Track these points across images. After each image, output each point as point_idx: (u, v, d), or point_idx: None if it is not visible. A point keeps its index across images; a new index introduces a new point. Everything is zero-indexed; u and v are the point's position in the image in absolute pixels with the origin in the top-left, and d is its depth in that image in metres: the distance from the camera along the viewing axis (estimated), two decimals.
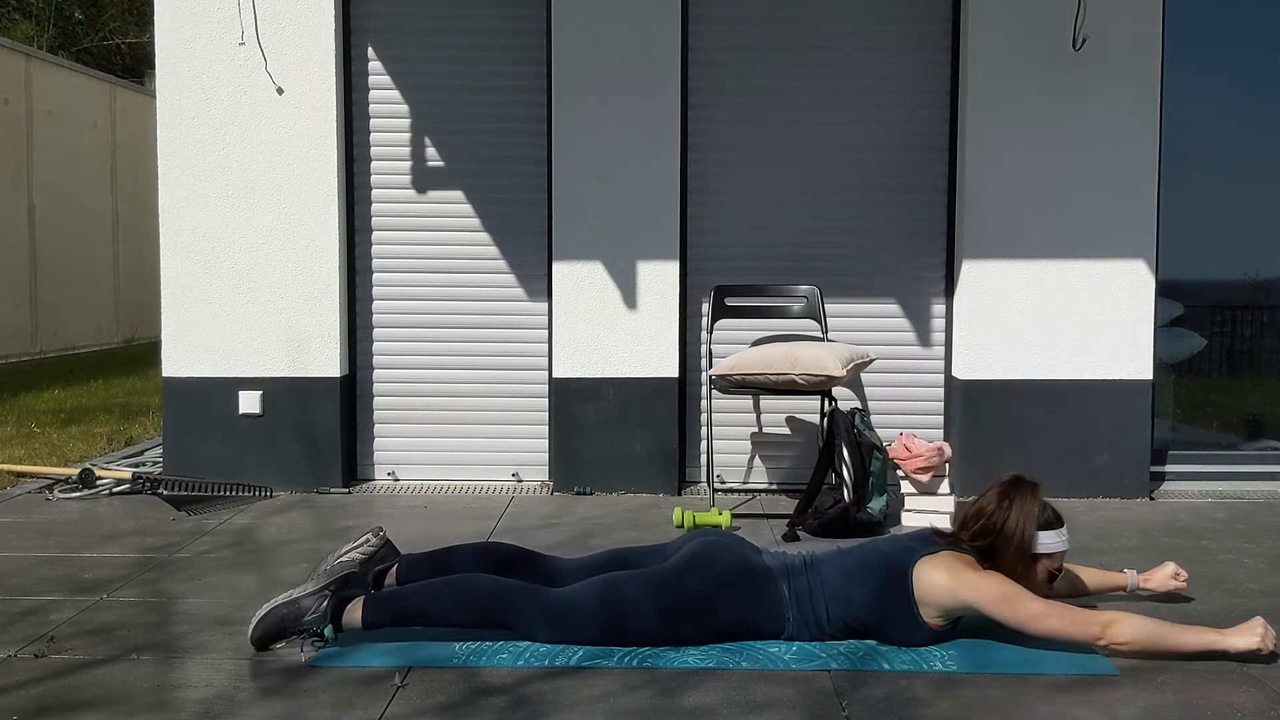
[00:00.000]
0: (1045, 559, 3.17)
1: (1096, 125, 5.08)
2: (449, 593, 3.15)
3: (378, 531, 3.40)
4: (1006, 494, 3.18)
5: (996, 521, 3.14)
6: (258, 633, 3.09)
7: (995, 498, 3.19)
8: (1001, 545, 3.13)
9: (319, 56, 5.13)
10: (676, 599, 3.11)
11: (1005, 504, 3.16)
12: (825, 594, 3.16)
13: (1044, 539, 3.16)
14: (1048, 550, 3.16)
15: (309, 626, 3.10)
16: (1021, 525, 3.13)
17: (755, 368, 4.64)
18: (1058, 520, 3.21)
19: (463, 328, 5.39)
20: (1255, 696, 2.82)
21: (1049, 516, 3.20)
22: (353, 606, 3.13)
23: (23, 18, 19.17)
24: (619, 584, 3.15)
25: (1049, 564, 3.19)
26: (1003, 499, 3.17)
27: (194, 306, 5.18)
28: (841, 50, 5.30)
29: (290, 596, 3.14)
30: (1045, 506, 3.20)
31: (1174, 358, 5.52)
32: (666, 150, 5.15)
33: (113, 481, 5.13)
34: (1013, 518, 3.13)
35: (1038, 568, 3.17)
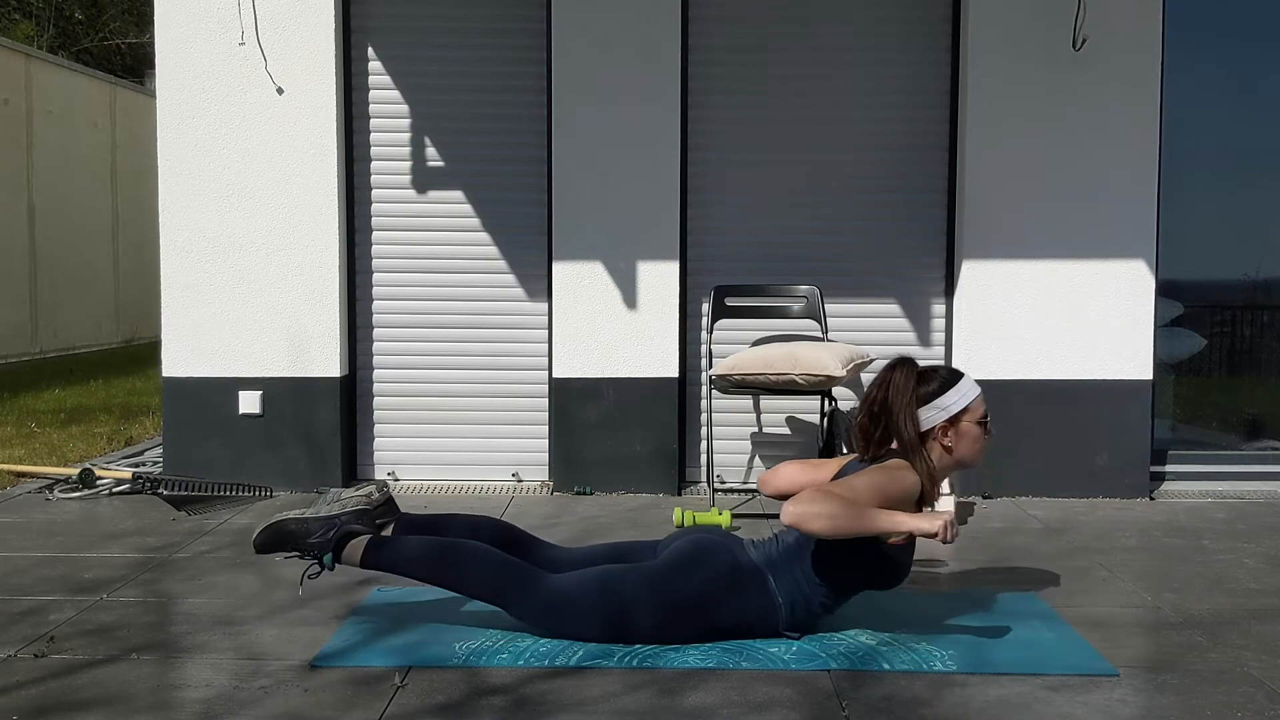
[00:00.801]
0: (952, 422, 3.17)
1: (1096, 125, 5.08)
2: (453, 558, 3.17)
3: (381, 487, 3.42)
4: (883, 378, 3.20)
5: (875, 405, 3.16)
6: (261, 538, 3.14)
7: (874, 384, 3.21)
8: (893, 426, 3.14)
9: (319, 56, 5.13)
10: (673, 598, 3.11)
11: (882, 387, 3.18)
12: (806, 573, 3.14)
13: (937, 407, 3.16)
14: (949, 415, 3.17)
15: (311, 549, 3.14)
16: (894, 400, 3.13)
17: (755, 368, 4.64)
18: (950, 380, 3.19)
19: (463, 328, 5.39)
20: (1255, 696, 2.82)
21: (935, 385, 3.19)
22: (356, 544, 3.16)
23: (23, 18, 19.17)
24: (616, 579, 3.15)
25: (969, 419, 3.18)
26: (880, 384, 3.19)
27: (194, 306, 5.18)
28: (841, 50, 5.31)
29: (301, 514, 3.17)
30: (927, 377, 3.20)
31: (1174, 358, 5.52)
32: (666, 150, 5.15)
33: (113, 481, 5.13)
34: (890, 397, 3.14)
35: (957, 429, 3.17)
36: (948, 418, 3.18)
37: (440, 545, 3.21)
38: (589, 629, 3.11)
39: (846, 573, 3.13)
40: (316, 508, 3.23)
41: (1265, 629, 3.33)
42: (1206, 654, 3.12)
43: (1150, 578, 3.88)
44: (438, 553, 3.19)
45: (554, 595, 3.13)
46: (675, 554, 3.19)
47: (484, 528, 3.40)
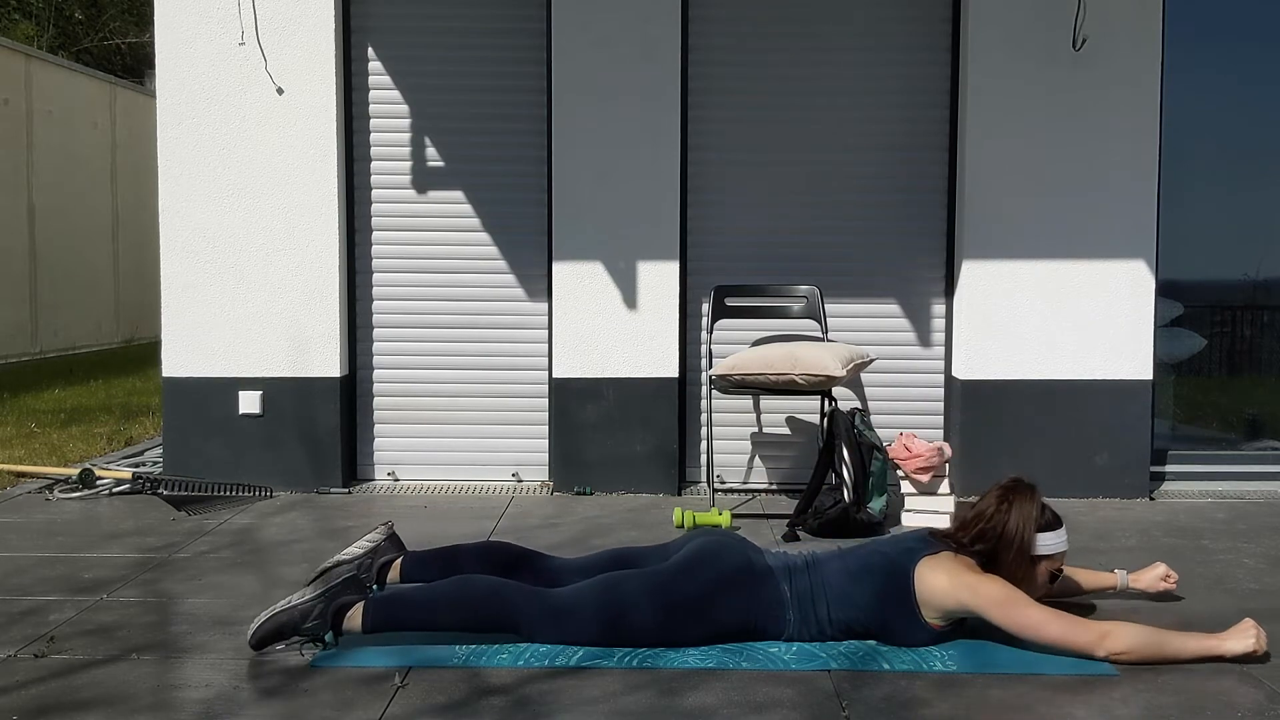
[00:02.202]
0: (1045, 561, 3.18)
1: (1096, 125, 5.08)
2: (447, 601, 3.13)
3: (387, 524, 3.44)
4: (1005, 497, 3.19)
5: (996, 525, 3.15)
6: (257, 637, 3.09)
7: (994, 500, 3.19)
8: (1001, 548, 3.13)
9: (319, 56, 5.13)
10: (677, 599, 3.11)
11: (1004, 506, 3.16)
12: (827, 594, 3.15)
13: (1043, 541, 3.16)
14: (1047, 552, 3.17)
15: (310, 633, 3.10)
16: (1021, 528, 3.13)
17: (755, 368, 4.64)
18: (1057, 521, 3.22)
19: (463, 328, 5.39)
20: (1255, 696, 2.82)
21: (1048, 518, 3.21)
22: (353, 613, 3.13)
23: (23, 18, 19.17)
24: (618, 583, 3.15)
25: (1049, 565, 3.19)
26: (1001, 502, 3.18)
27: (194, 306, 5.18)
28: (841, 50, 5.30)
29: (289, 604, 3.12)
30: (1044, 508, 3.21)
31: (1174, 358, 5.52)
32: (666, 150, 5.15)
33: (113, 481, 5.13)
34: (1012, 521, 3.14)
35: (1038, 570, 3.18)
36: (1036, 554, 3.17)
37: (436, 592, 3.16)
38: (594, 636, 3.11)
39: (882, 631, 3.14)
40: (304, 590, 3.17)
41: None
42: None
43: None
44: (435, 600, 3.14)
45: (559, 606, 3.12)
46: (684, 556, 3.20)
47: (488, 553, 3.40)
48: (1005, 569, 3.12)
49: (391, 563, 3.41)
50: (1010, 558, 3.13)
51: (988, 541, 3.14)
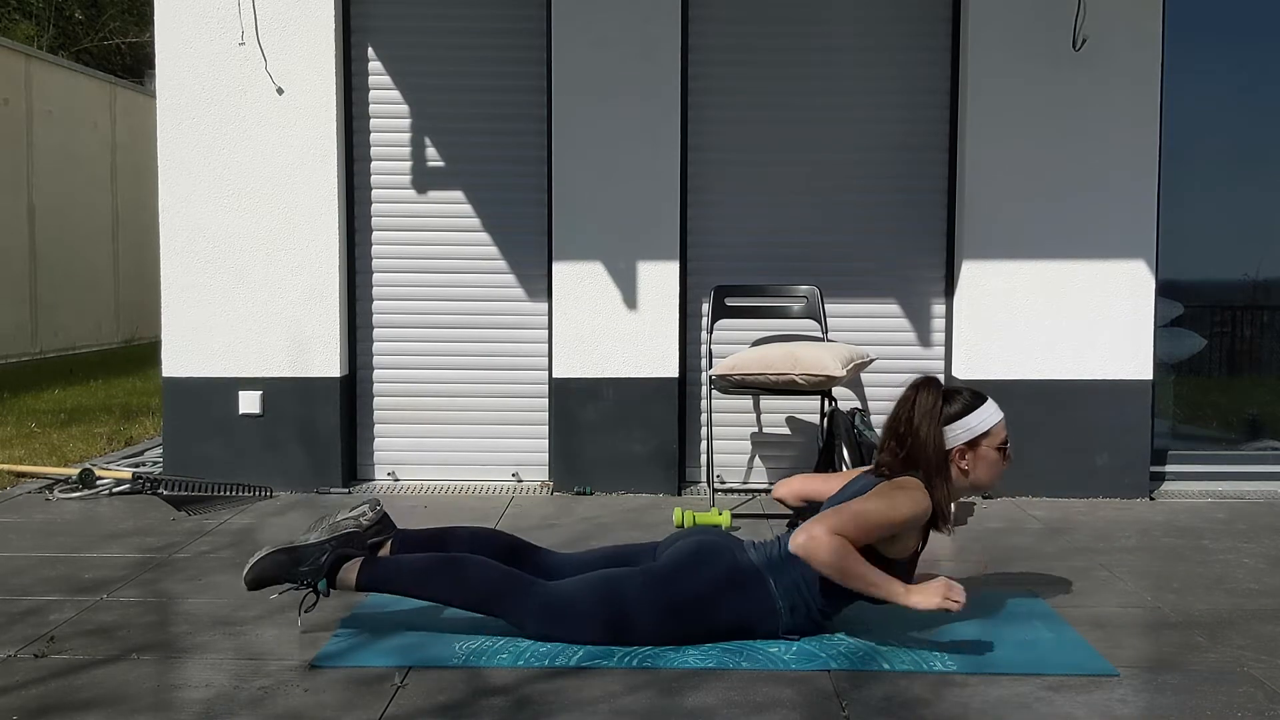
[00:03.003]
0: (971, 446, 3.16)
1: (1096, 125, 5.08)
2: (447, 571, 3.16)
3: (374, 505, 3.41)
4: (907, 398, 3.19)
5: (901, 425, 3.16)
6: (253, 574, 3.11)
7: (899, 404, 3.20)
8: (917, 447, 3.13)
9: (319, 56, 5.13)
10: (673, 599, 3.11)
11: (907, 406, 3.17)
12: (807, 579, 3.14)
13: (953, 431, 3.15)
14: (966, 439, 3.16)
15: (304, 577, 3.11)
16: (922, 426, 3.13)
17: (755, 368, 4.64)
18: (974, 403, 3.18)
19: (463, 328, 5.39)
20: (1255, 696, 2.82)
21: (960, 405, 3.18)
22: (349, 566, 3.15)
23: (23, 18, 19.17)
24: (617, 582, 3.15)
25: (988, 443, 3.17)
26: (904, 403, 3.18)
27: (194, 306, 5.18)
28: (841, 50, 5.30)
29: (290, 543, 3.15)
30: (952, 396, 3.18)
31: (1174, 358, 5.52)
32: (666, 150, 5.15)
33: (113, 481, 5.13)
34: (916, 421, 3.13)
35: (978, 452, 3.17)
36: (968, 440, 3.17)
37: (434, 561, 3.20)
38: (589, 633, 3.11)
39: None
40: (305, 535, 3.21)
41: (1265, 629, 3.33)
42: (1206, 654, 3.12)
43: (1150, 578, 3.88)
44: (432, 569, 3.17)
45: (553, 601, 3.13)
46: (675, 555, 3.19)
47: (482, 539, 3.39)
48: (927, 467, 3.12)
49: (382, 544, 3.41)
50: (927, 455, 3.12)
51: (905, 445, 3.15)
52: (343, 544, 3.18)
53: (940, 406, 3.16)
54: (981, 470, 3.19)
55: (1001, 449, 3.22)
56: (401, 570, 3.18)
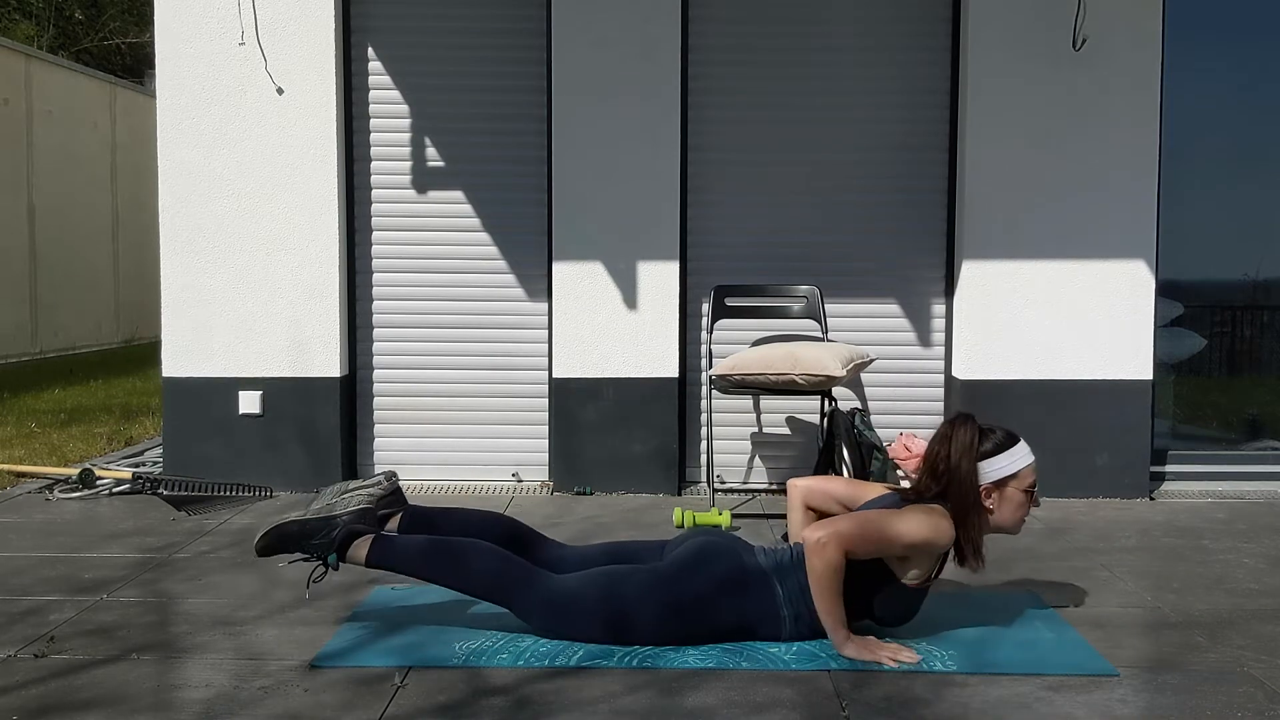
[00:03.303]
0: (1001, 485, 3.15)
1: (1096, 125, 5.08)
2: (454, 559, 3.17)
3: (390, 476, 3.43)
4: (945, 433, 3.18)
5: (940, 463, 3.14)
6: (263, 542, 3.13)
7: (937, 441, 3.19)
8: (953, 484, 3.13)
9: (319, 56, 5.13)
10: (677, 599, 3.11)
11: (945, 444, 3.16)
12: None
13: (989, 467, 3.14)
14: (998, 476, 3.15)
15: (315, 550, 3.13)
16: (959, 459, 3.12)
17: (755, 368, 4.64)
18: (1007, 442, 3.17)
19: (463, 328, 5.39)
20: (1255, 696, 2.82)
21: (994, 443, 3.17)
22: (360, 543, 3.17)
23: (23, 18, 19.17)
24: (620, 580, 3.15)
25: (1016, 485, 3.16)
26: (943, 440, 3.17)
27: (194, 306, 5.18)
28: (841, 50, 5.30)
29: (302, 516, 3.17)
30: (987, 434, 3.18)
31: (1174, 358, 5.52)
32: (666, 150, 5.15)
33: (113, 481, 5.13)
34: (953, 455, 3.13)
35: (1005, 493, 3.15)
36: (995, 480, 3.16)
37: (444, 545, 3.21)
38: (591, 629, 3.12)
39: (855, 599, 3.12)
40: (318, 505, 3.23)
41: (1265, 629, 3.33)
42: (1206, 654, 3.12)
43: (1150, 578, 3.88)
44: (441, 552, 3.19)
45: (557, 595, 3.13)
46: (681, 555, 3.19)
47: (490, 524, 3.40)
48: (961, 502, 3.12)
49: (391, 516, 3.41)
50: (962, 491, 3.12)
51: (941, 481, 3.14)
52: (355, 520, 3.19)
53: (977, 443, 3.15)
54: (1006, 511, 3.17)
55: (1029, 491, 3.20)
56: (410, 552, 3.20)
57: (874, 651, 3.02)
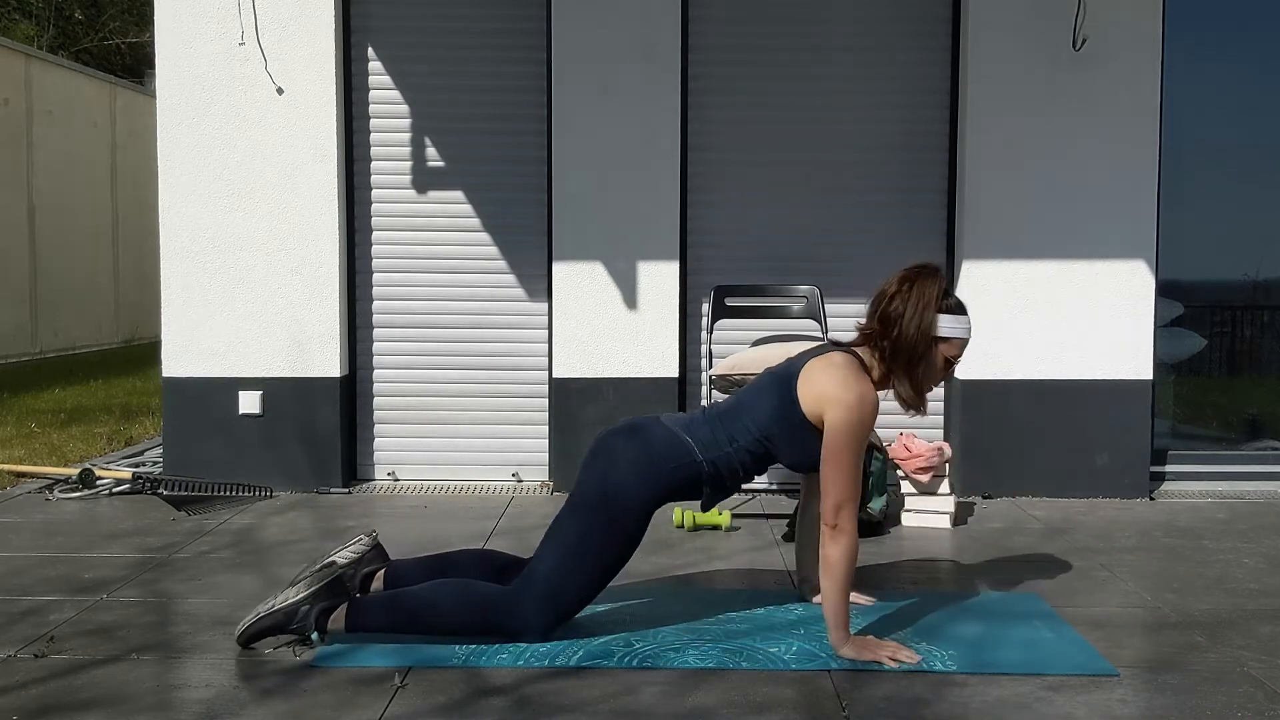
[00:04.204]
0: (944, 344, 3.16)
1: (1096, 125, 5.08)
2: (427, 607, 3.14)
3: (371, 534, 3.42)
4: (907, 278, 3.18)
5: (899, 306, 3.15)
6: (246, 635, 3.11)
7: (896, 282, 3.20)
8: (904, 330, 3.13)
9: (319, 56, 5.13)
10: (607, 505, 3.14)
11: (906, 287, 3.16)
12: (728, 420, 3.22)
13: (944, 322, 3.15)
14: (948, 334, 3.16)
15: (297, 633, 3.13)
16: (921, 308, 3.13)
17: (755, 368, 4.63)
18: (961, 308, 3.20)
19: (463, 328, 5.39)
20: (1255, 696, 2.82)
21: (952, 303, 3.19)
22: (337, 615, 3.14)
23: (23, 18, 19.17)
24: (560, 525, 3.19)
25: (947, 350, 3.18)
26: (903, 283, 3.18)
27: (194, 306, 5.18)
28: (841, 50, 5.30)
29: (273, 607, 3.12)
30: (948, 293, 3.20)
31: (1174, 358, 5.52)
32: (666, 150, 5.15)
33: (113, 481, 5.13)
34: (913, 300, 3.13)
35: (936, 353, 3.17)
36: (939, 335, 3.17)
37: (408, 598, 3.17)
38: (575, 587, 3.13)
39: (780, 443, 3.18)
40: (286, 594, 3.16)
41: (1265, 629, 3.33)
42: (1206, 654, 3.12)
43: (1150, 578, 3.88)
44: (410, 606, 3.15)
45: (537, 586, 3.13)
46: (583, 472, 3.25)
47: (480, 560, 3.39)
48: (905, 350, 3.13)
49: (375, 573, 3.39)
50: (911, 337, 3.12)
51: (890, 324, 3.14)
52: (325, 595, 3.15)
53: (941, 296, 3.17)
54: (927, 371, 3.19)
55: (950, 360, 3.21)
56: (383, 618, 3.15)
57: (874, 651, 3.02)
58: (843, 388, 3.10)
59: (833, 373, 3.14)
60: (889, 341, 3.16)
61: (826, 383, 3.12)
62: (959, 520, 4.67)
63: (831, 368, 3.15)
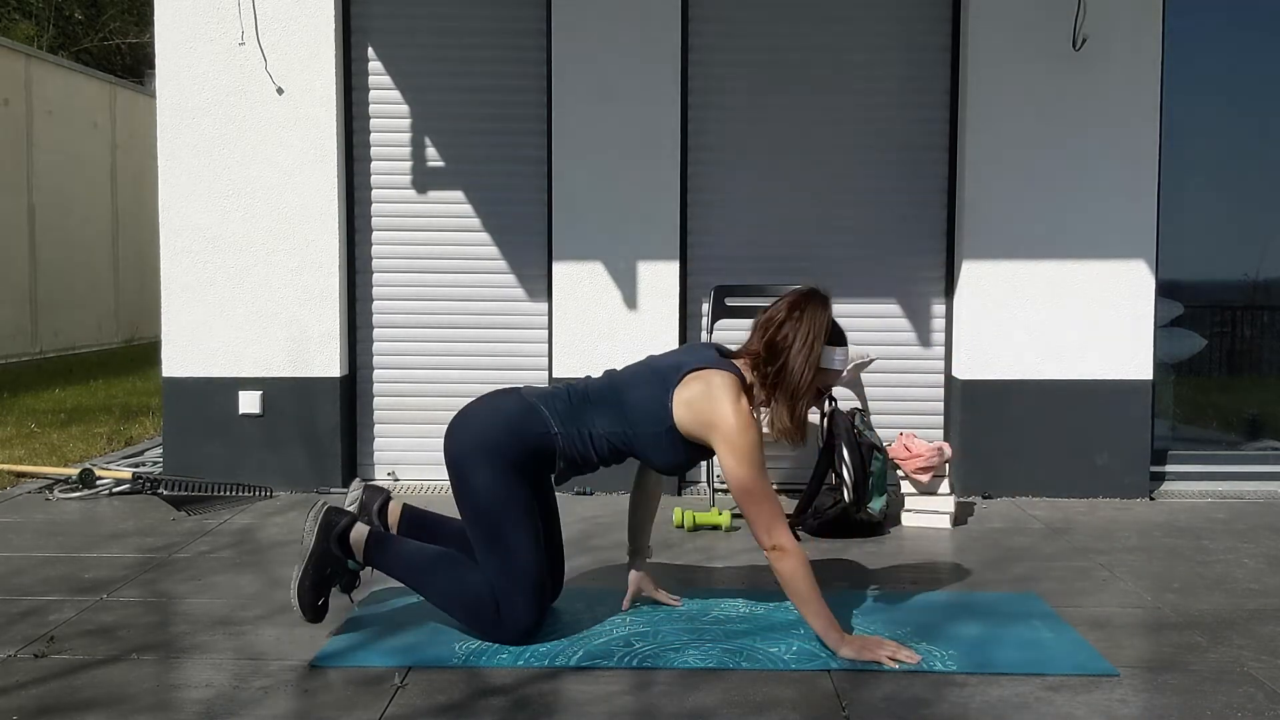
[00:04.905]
0: (822, 374, 3.16)
1: (1096, 125, 5.08)
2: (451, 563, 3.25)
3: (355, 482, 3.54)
4: (798, 304, 3.15)
5: (788, 334, 3.12)
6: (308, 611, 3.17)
7: (785, 307, 3.16)
8: (790, 361, 3.11)
9: (319, 56, 5.13)
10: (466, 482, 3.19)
11: (796, 314, 3.14)
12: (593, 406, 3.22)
13: (830, 355, 3.15)
14: (831, 366, 3.16)
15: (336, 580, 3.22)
16: (811, 339, 3.11)
17: None
18: (842, 338, 3.20)
19: (463, 328, 5.39)
20: (1255, 696, 2.82)
21: (837, 334, 3.19)
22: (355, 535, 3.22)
23: (23, 18, 19.17)
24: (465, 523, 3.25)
25: (822, 380, 3.17)
26: (793, 309, 3.15)
27: (194, 306, 5.18)
28: (841, 50, 5.30)
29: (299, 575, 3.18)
30: (833, 321, 3.19)
31: (1174, 358, 5.52)
32: (667, 150, 5.15)
33: (113, 481, 5.13)
34: (803, 329, 3.11)
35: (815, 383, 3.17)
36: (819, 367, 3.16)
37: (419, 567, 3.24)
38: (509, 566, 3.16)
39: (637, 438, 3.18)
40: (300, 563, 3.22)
41: (1265, 629, 3.33)
42: (1206, 654, 3.12)
43: (1150, 578, 3.88)
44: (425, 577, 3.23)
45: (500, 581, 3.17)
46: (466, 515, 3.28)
47: None
48: (792, 383, 3.10)
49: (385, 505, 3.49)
50: (799, 369, 3.10)
51: (778, 353, 3.12)
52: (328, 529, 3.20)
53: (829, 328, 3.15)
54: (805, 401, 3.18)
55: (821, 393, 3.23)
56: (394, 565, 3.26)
57: (873, 651, 3.02)
58: (728, 420, 3.06)
59: (714, 400, 3.09)
60: (774, 369, 3.13)
61: (709, 412, 3.09)
62: (959, 520, 4.67)
63: (712, 391, 3.10)
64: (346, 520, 3.23)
